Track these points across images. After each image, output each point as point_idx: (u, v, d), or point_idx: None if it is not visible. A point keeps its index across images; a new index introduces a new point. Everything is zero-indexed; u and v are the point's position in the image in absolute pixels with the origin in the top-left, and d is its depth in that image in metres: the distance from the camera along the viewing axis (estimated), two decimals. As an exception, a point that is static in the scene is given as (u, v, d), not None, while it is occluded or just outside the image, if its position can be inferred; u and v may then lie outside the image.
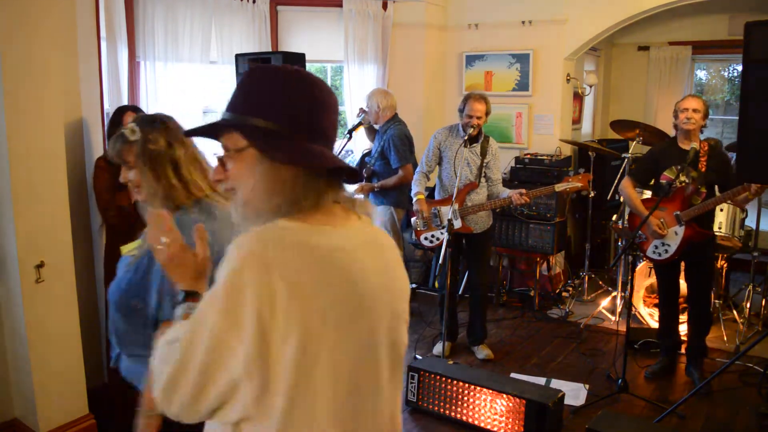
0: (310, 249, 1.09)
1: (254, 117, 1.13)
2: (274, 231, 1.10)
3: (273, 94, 1.15)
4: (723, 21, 6.09)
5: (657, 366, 4.00)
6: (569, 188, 4.00)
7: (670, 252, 3.76)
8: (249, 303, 1.01)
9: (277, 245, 1.06)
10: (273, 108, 1.14)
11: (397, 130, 4.57)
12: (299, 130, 1.14)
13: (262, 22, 5.21)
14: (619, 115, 6.54)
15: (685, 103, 3.79)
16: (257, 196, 1.13)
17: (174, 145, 1.78)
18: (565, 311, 5.07)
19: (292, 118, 1.14)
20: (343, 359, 1.09)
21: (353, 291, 1.11)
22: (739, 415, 3.50)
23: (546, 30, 5.43)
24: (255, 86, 1.17)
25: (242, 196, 1.15)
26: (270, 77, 1.17)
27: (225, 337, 1.02)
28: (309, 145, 1.14)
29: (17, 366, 3.04)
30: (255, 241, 1.06)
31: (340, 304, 1.09)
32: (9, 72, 2.75)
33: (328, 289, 1.07)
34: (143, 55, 4.34)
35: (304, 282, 1.05)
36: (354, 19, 5.46)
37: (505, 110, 5.67)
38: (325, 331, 1.06)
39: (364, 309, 1.13)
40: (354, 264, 1.13)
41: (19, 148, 2.82)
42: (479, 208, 4.10)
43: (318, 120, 1.16)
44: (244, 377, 1.02)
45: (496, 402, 3.23)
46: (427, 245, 4.23)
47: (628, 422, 3.06)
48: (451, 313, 4.29)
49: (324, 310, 1.06)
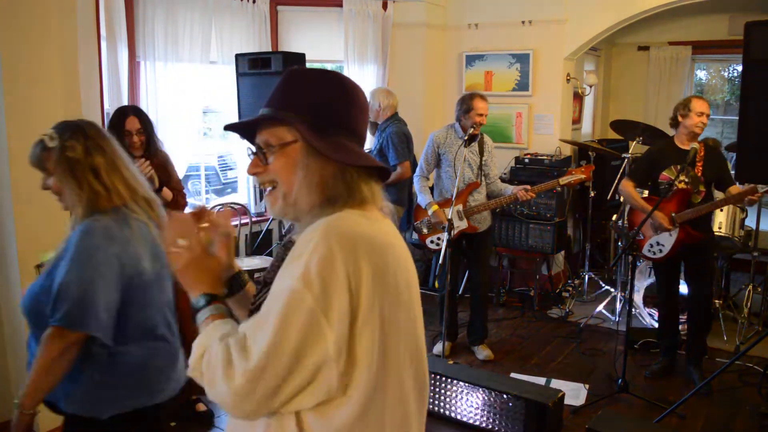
0: (380, 236, 1.16)
1: (298, 113, 1.18)
2: (349, 218, 1.15)
3: (315, 93, 1.21)
4: (723, 21, 6.09)
5: (657, 366, 4.00)
6: (573, 180, 4.04)
7: (664, 252, 3.78)
8: (342, 285, 1.06)
9: (357, 231, 1.12)
10: (316, 105, 1.19)
11: (396, 128, 4.60)
12: (339, 128, 1.20)
13: (262, 22, 5.21)
14: (619, 115, 6.54)
15: (700, 106, 3.72)
16: (304, 189, 1.18)
17: (92, 152, 1.79)
18: (565, 311, 5.06)
19: (333, 116, 1.20)
20: (409, 336, 1.18)
21: (410, 279, 1.21)
22: (739, 415, 3.50)
23: (546, 30, 5.43)
24: (297, 84, 1.22)
25: (286, 189, 1.19)
26: (310, 77, 1.23)
27: (320, 319, 1.05)
28: (348, 143, 1.20)
29: (17, 366, 3.04)
30: (338, 227, 1.11)
31: (405, 288, 1.18)
32: (9, 72, 2.76)
33: (398, 274, 1.15)
34: (143, 55, 4.34)
35: (383, 266, 1.12)
36: (354, 19, 5.46)
37: (505, 110, 5.67)
38: (398, 310, 1.14)
39: (414, 296, 1.22)
40: (407, 257, 1.22)
41: (19, 148, 2.82)
42: (484, 207, 4.11)
43: (355, 120, 1.23)
44: (334, 357, 1.06)
45: (496, 402, 3.23)
46: (434, 248, 4.23)
47: (628, 422, 3.06)
48: (451, 312, 4.29)
49: (397, 291, 1.15)
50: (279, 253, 1.27)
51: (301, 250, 1.10)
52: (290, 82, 1.23)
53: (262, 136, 1.21)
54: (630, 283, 3.78)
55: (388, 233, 1.20)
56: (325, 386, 1.07)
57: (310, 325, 1.05)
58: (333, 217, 1.14)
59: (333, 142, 1.18)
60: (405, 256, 1.22)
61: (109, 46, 3.91)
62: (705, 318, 3.85)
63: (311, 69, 1.28)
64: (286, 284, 1.08)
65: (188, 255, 1.27)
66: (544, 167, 5.23)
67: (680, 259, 3.89)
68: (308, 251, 1.08)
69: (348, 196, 1.18)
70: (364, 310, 1.08)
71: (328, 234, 1.09)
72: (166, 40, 4.41)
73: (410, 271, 1.22)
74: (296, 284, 1.06)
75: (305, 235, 1.12)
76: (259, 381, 1.05)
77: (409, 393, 1.18)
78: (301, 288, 1.06)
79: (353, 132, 1.23)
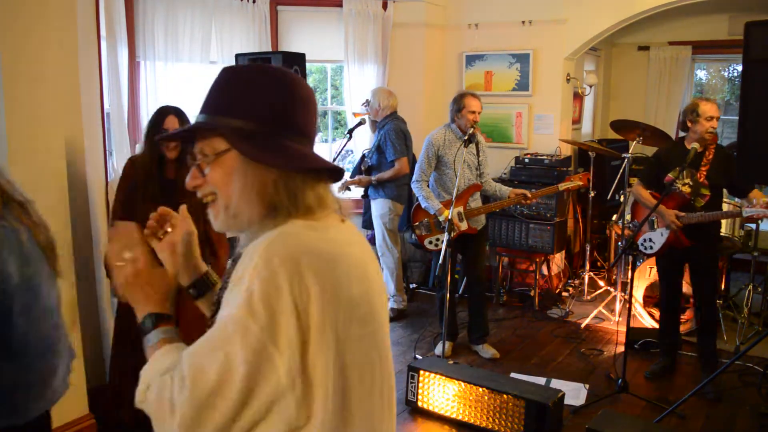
0: (329, 247, 1.07)
1: (233, 118, 1.09)
2: (292, 233, 1.06)
3: (250, 93, 1.11)
4: (723, 21, 6.09)
5: (657, 366, 4.00)
6: (572, 186, 4.21)
7: (654, 249, 3.82)
8: (288, 310, 0.98)
9: (301, 246, 1.03)
10: (252, 107, 1.10)
11: (394, 125, 4.73)
12: (281, 130, 1.11)
13: (262, 22, 5.21)
14: (619, 115, 6.54)
15: (709, 110, 3.63)
16: (244, 200, 1.09)
17: None
18: (565, 311, 5.07)
19: (273, 117, 1.11)
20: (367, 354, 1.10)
21: (370, 288, 1.11)
22: (739, 415, 3.50)
23: (546, 30, 5.43)
24: (231, 85, 1.12)
25: (225, 201, 1.11)
26: (245, 76, 1.13)
27: (268, 349, 0.97)
28: (292, 145, 1.11)
29: (17, 366, 3.03)
30: (279, 244, 1.02)
31: (363, 301, 1.09)
32: (9, 72, 2.75)
33: (352, 286, 1.07)
34: (143, 55, 4.34)
35: (333, 281, 1.03)
36: (354, 19, 5.46)
37: (505, 110, 5.67)
38: (354, 326, 1.06)
39: (376, 306, 1.13)
40: (365, 263, 1.13)
41: (19, 148, 2.82)
42: (485, 209, 4.16)
43: (298, 118, 1.13)
44: (288, 388, 1.00)
45: (496, 402, 3.23)
46: (433, 249, 4.23)
47: (628, 422, 3.06)
48: (451, 312, 4.30)
49: (351, 306, 1.06)
50: (229, 269, 1.16)
51: (242, 272, 1.01)
52: (223, 83, 1.13)
53: (198, 146, 1.12)
54: (630, 283, 3.78)
55: (339, 242, 1.10)
56: (284, 417, 1.01)
57: (258, 357, 0.97)
58: (275, 233, 1.05)
59: (272, 147, 1.08)
60: (363, 263, 1.13)
61: (109, 46, 3.91)
62: (710, 323, 3.81)
63: (247, 66, 1.17)
64: (229, 312, 1.00)
65: (132, 269, 1.18)
66: (544, 167, 5.23)
67: (684, 261, 3.88)
68: (249, 275, 1.00)
69: (291, 205, 1.09)
70: (315, 333, 1.00)
71: (269, 254, 1.00)
72: (166, 40, 4.41)
73: (369, 280, 1.13)
74: (239, 313, 0.98)
75: (247, 254, 1.04)
76: (206, 419, 0.97)
77: (376, 407, 1.12)
78: (245, 317, 0.97)
79: (298, 131, 1.13)
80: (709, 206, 3.69)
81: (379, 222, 4.91)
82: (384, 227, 4.89)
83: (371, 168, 4.94)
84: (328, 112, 6.78)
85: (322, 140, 7.12)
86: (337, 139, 7.91)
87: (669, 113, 6.50)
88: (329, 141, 7.21)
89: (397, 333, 4.74)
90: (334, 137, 7.76)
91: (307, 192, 1.10)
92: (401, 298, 5.05)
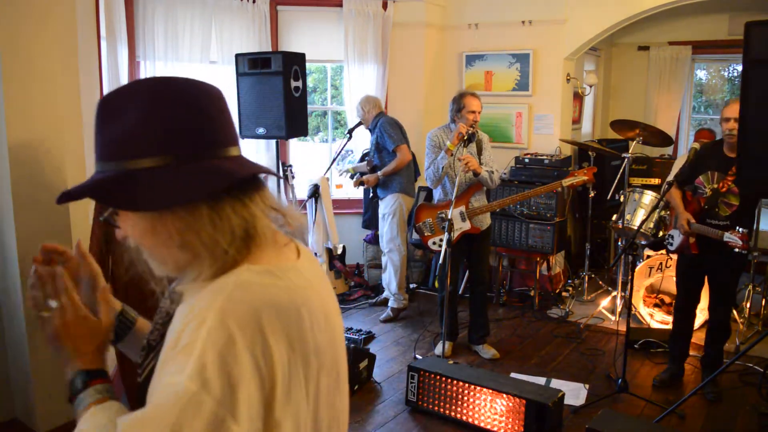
0: (290, 297, 0.93)
1: (120, 160, 0.91)
2: (246, 284, 0.91)
3: (130, 122, 0.91)
4: (723, 21, 6.10)
5: (665, 374, 3.89)
6: (576, 182, 4.08)
7: (674, 246, 3.76)
8: (249, 375, 0.86)
9: (259, 302, 0.89)
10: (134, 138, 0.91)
11: (385, 118, 4.92)
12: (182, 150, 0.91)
13: (262, 22, 5.22)
14: (619, 115, 6.55)
15: (726, 110, 3.48)
16: (161, 250, 0.94)
17: None
18: (565, 311, 5.07)
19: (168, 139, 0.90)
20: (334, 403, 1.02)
21: (333, 333, 1.02)
22: (739, 415, 3.50)
23: (546, 30, 5.43)
24: (107, 120, 0.94)
25: (149, 253, 0.96)
26: (116, 102, 0.94)
27: (226, 422, 0.83)
28: (205, 162, 0.92)
29: (17, 366, 3.04)
30: (235, 302, 0.88)
31: (329, 346, 1.00)
32: (9, 72, 2.76)
33: (317, 335, 0.96)
34: (143, 54, 4.34)
35: (299, 337, 0.92)
36: (354, 19, 5.46)
37: (505, 110, 5.67)
38: (321, 380, 0.98)
39: (338, 353, 1.04)
40: (326, 304, 1.02)
41: (19, 148, 2.82)
42: (487, 208, 4.15)
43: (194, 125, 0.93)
44: None
45: (496, 402, 3.23)
46: (436, 249, 4.23)
47: (628, 422, 3.06)
48: (452, 312, 4.30)
49: (318, 359, 0.97)
50: (163, 308, 1.04)
51: (191, 334, 0.86)
52: (101, 120, 0.94)
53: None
54: (630, 283, 3.78)
55: (300, 287, 0.96)
56: None
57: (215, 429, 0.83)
58: (227, 286, 0.90)
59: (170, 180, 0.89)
60: (324, 305, 1.00)
61: (109, 46, 3.91)
62: (722, 327, 3.73)
63: (119, 90, 0.96)
64: (176, 381, 0.84)
65: (59, 320, 1.02)
66: (544, 167, 5.24)
67: (702, 267, 3.74)
68: (201, 338, 0.85)
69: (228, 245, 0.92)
70: (281, 395, 0.89)
71: (224, 315, 0.86)
72: (166, 40, 4.41)
73: (332, 323, 1.02)
74: (191, 385, 0.83)
75: (192, 310, 0.89)
76: None
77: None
78: (198, 390, 0.82)
79: (205, 142, 0.92)
80: (736, 216, 3.52)
81: (390, 219, 4.94)
82: (395, 224, 4.91)
83: (376, 168, 5.01)
84: (328, 112, 6.77)
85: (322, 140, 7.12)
86: (337, 139, 7.91)
87: (669, 113, 6.51)
88: (329, 141, 7.21)
89: (397, 333, 4.75)
90: (334, 137, 7.77)
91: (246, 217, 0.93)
92: (402, 296, 5.06)
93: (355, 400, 3.65)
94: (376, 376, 3.93)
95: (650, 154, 6.04)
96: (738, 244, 3.36)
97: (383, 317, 5.03)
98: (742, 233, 3.37)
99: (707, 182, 3.61)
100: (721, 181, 3.55)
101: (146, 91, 0.93)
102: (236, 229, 0.92)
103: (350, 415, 2.19)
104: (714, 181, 3.58)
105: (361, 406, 3.59)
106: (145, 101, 0.92)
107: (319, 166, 5.94)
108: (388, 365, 4.15)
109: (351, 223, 5.81)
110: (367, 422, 3.43)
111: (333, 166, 5.29)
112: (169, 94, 0.93)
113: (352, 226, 5.79)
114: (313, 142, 12.59)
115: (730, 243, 3.39)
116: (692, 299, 3.86)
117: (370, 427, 3.38)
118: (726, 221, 3.54)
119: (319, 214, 4.98)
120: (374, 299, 5.41)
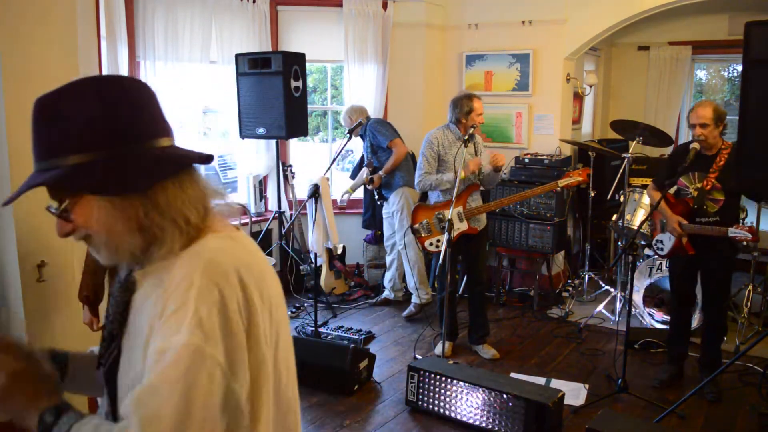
0: (252, 258, 1.07)
1: (66, 155, 0.97)
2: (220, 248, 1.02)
3: (69, 120, 0.97)
4: (723, 21, 6.09)
5: (665, 375, 3.89)
6: (571, 182, 4.15)
7: (664, 251, 3.77)
8: (240, 328, 0.97)
9: (235, 261, 1.01)
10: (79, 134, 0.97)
11: (372, 120, 5.06)
12: (122, 145, 0.99)
13: (262, 22, 5.22)
14: (619, 115, 6.54)
15: (691, 116, 3.56)
16: (119, 234, 1.00)
17: None
18: (565, 311, 5.06)
19: (106, 135, 0.98)
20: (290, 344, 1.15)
21: (279, 294, 1.13)
22: (739, 415, 3.50)
23: (546, 30, 5.43)
24: (46, 120, 0.99)
25: (101, 239, 1.01)
26: (55, 104, 0.99)
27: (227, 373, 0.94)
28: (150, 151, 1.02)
29: (17, 366, 3.03)
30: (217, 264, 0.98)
31: (281, 302, 1.13)
32: (9, 72, 2.76)
33: (273, 291, 1.09)
34: (143, 54, 4.34)
35: (266, 290, 1.06)
36: (354, 19, 5.46)
37: (505, 110, 5.67)
38: (282, 327, 1.10)
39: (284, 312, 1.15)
40: (267, 265, 1.13)
41: (19, 148, 2.82)
42: (484, 208, 4.16)
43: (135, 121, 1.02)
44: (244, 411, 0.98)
45: (495, 402, 3.23)
46: (433, 250, 4.23)
47: (628, 422, 3.06)
48: (451, 313, 4.30)
49: (279, 309, 1.10)
50: (118, 297, 1.07)
51: (180, 297, 0.94)
52: (40, 121, 0.99)
53: (50, 193, 1.02)
54: (630, 283, 3.78)
55: (254, 250, 1.11)
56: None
57: (219, 384, 0.92)
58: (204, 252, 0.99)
59: (121, 169, 0.98)
60: (266, 264, 1.12)
61: (109, 46, 3.91)
62: (716, 327, 3.74)
63: (57, 91, 1.00)
64: (175, 341, 0.91)
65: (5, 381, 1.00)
66: (544, 167, 5.23)
67: (695, 267, 3.77)
68: (192, 298, 0.93)
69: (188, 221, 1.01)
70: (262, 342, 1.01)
71: (210, 275, 0.96)
72: (166, 40, 4.42)
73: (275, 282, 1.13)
74: (193, 339, 0.90)
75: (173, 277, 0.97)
76: None
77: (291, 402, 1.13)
78: (200, 342, 0.91)
79: (142, 135, 1.01)
80: (723, 211, 3.55)
81: (399, 216, 4.96)
82: (405, 218, 4.89)
83: (376, 169, 5.04)
84: (328, 112, 6.77)
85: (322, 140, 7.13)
86: (337, 138, 7.91)
87: (669, 113, 6.51)
88: (329, 141, 7.21)
89: (397, 333, 4.75)
90: (334, 137, 7.77)
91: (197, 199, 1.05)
92: (425, 291, 5.05)
93: (355, 400, 3.65)
94: (376, 376, 3.93)
95: (650, 154, 6.03)
96: (747, 237, 3.37)
97: (406, 313, 5.03)
98: (750, 226, 3.38)
99: (690, 183, 3.64)
100: (705, 180, 3.58)
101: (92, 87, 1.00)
102: (198, 201, 1.04)
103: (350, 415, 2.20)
104: (697, 181, 3.61)
105: (361, 406, 3.59)
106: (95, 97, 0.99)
107: (319, 166, 5.95)
108: (388, 365, 4.16)
109: (351, 223, 5.81)
110: (367, 422, 3.43)
111: (337, 196, 5.32)
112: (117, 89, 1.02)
113: (352, 226, 5.79)
114: (313, 142, 12.59)
115: (737, 237, 3.40)
116: (688, 300, 3.88)
117: (370, 427, 3.38)
118: (715, 217, 3.58)
119: (319, 214, 4.97)
120: (374, 299, 5.41)
